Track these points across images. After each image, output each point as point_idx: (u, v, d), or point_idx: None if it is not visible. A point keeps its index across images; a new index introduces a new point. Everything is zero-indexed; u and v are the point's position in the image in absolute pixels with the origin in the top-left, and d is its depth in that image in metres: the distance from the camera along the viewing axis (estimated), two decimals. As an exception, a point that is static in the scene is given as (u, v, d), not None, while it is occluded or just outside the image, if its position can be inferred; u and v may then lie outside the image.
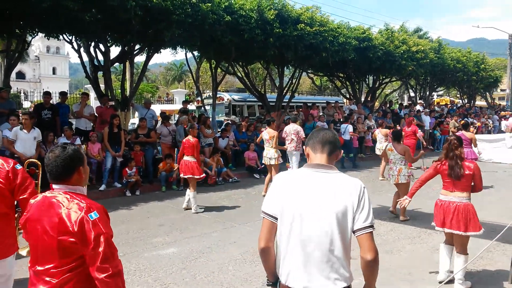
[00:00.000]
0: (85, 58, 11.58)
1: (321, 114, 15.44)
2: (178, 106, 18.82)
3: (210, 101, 15.25)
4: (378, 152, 10.81)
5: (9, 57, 10.28)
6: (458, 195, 4.26)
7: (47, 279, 1.98)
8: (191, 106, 20.71)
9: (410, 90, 26.22)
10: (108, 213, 2.14)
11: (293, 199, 1.96)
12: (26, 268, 3.14)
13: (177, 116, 13.14)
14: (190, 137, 7.73)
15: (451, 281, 4.29)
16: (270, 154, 8.85)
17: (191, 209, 7.58)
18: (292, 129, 9.32)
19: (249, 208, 7.90)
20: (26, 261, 2.29)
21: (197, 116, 13.78)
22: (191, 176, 7.52)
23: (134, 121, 14.79)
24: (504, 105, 33.67)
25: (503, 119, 22.58)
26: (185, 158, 7.67)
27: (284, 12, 11.80)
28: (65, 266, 1.96)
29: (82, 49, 11.52)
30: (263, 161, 9.16)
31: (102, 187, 8.95)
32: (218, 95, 16.58)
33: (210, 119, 12.71)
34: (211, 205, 8.11)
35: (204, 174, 7.87)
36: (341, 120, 14.15)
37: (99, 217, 1.99)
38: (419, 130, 12.00)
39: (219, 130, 12.99)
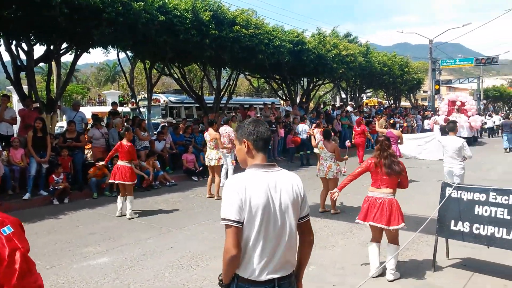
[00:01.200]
0: (6, 57, 10.67)
1: (258, 115, 15.65)
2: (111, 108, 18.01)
3: (146, 102, 14.81)
4: (316, 150, 11.19)
5: None
6: (384, 191, 4.53)
7: None
8: (126, 108, 19.98)
9: (342, 92, 27.47)
10: (33, 224, 1.97)
11: (259, 198, 2.00)
12: None
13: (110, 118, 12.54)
14: (124, 141, 7.43)
15: (381, 275, 4.54)
16: (211, 156, 8.82)
17: (125, 215, 7.30)
18: (224, 131, 9.38)
19: (187, 211, 7.78)
20: None
21: (131, 118, 13.27)
22: (122, 182, 7.25)
23: (62, 124, 13.94)
24: (426, 105, 36.45)
25: (425, 118, 24.46)
26: (119, 162, 7.37)
27: (220, 14, 11.77)
28: None
29: (2, 48, 10.60)
30: (205, 163, 9.09)
31: (27, 196, 8.28)
32: (154, 97, 16.15)
33: (146, 122, 12.34)
34: (147, 210, 7.87)
35: (135, 181, 7.60)
36: (278, 121, 14.50)
37: (14, 231, 1.82)
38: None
39: (155, 132, 12.65)
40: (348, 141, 10.36)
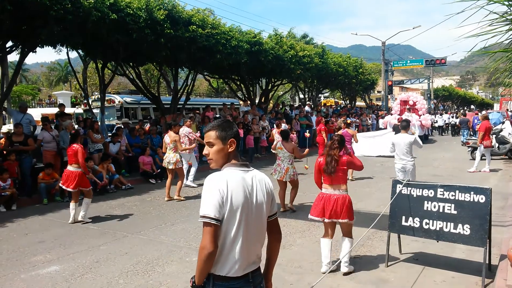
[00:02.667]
0: None
1: (217, 115, 15.54)
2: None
3: (99, 103, 14.29)
4: (273, 150, 11.28)
5: None
6: (336, 188, 4.64)
7: None
8: (78, 110, 19.21)
9: (300, 92, 27.89)
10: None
11: (238, 196, 2.05)
12: None
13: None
14: (74, 144, 7.12)
15: (335, 271, 4.63)
16: (169, 158, 8.68)
17: (79, 222, 7.00)
18: (183, 133, 9.58)
19: (144, 215, 7.58)
20: None
21: (83, 120, 12.76)
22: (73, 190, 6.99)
23: (8, 127, 13.17)
24: (380, 105, 37.81)
25: (380, 117, 25.36)
26: (69, 168, 7.05)
27: (175, 13, 11.57)
28: None
29: None
30: (163, 165, 8.93)
31: (-31, 204, 7.77)
32: (108, 97, 15.65)
33: (99, 123, 11.90)
34: (101, 215, 7.60)
35: (90, 187, 7.31)
36: (237, 121, 14.46)
37: None
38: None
39: (109, 134, 12.24)
40: (307, 131, 10.63)
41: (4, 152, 9.00)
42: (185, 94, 15.65)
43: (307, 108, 21.15)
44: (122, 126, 13.01)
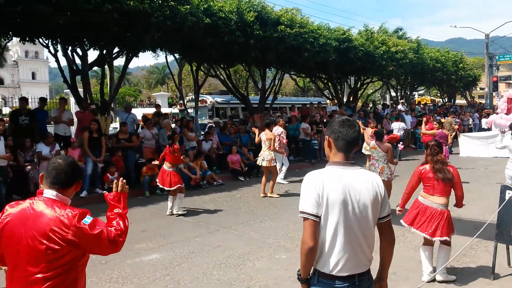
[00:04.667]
0: (64, 62, 11.35)
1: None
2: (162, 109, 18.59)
3: (193, 104, 15.13)
4: (364, 151, 10.95)
5: (-17, 62, 10.00)
6: (436, 201, 4.34)
7: (31, 285, 1.96)
8: (174, 110, 20.56)
9: (392, 90, 26.57)
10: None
11: (336, 195, 2.05)
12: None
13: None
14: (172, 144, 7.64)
15: (435, 280, 4.33)
16: (263, 156, 8.85)
17: (175, 215, 7.48)
18: (276, 132, 9.55)
19: (234, 211, 7.84)
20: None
21: (179, 119, 13.62)
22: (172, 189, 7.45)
23: (115, 125, 14.56)
24: (483, 103, 34.40)
25: (483, 117, 23.07)
26: (165, 167, 7.56)
27: (264, 14, 11.78)
28: (50, 272, 1.97)
29: (59, 53, 11.27)
30: (257, 162, 9.14)
31: (84, 194, 8.74)
32: (200, 98, 16.48)
33: (193, 122, 12.59)
34: (195, 208, 8.02)
35: (179, 185, 7.72)
36: (323, 120, 14.32)
37: (92, 219, 2.07)
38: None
39: (202, 133, 12.89)
40: (401, 143, 10.10)
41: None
42: (273, 94, 15.85)
43: (400, 106, 20.09)
44: (214, 125, 13.61)
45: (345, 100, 19.40)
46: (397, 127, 15.19)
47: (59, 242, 1.95)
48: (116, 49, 11.28)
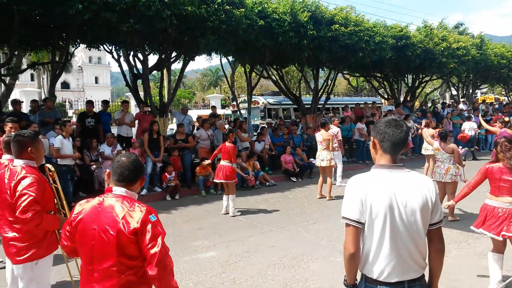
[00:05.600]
0: (125, 67, 11.99)
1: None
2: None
3: (245, 105, 15.34)
4: (424, 152, 10.52)
5: (53, 68, 10.81)
6: (505, 201, 4.08)
7: (106, 278, 2.09)
8: (227, 111, 20.94)
9: (452, 88, 25.24)
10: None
11: (380, 200, 1.99)
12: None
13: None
14: (227, 142, 7.81)
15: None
16: (322, 156, 8.80)
17: (228, 214, 7.64)
18: (332, 132, 9.49)
19: (287, 212, 7.86)
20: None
21: (233, 120, 13.87)
22: (224, 181, 7.60)
23: (172, 126, 15.11)
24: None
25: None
26: (221, 162, 7.75)
27: (318, 14, 11.68)
28: (123, 265, 2.08)
29: (122, 59, 11.93)
30: (316, 163, 9.10)
31: (144, 192, 9.18)
32: (253, 99, 16.65)
33: (246, 123, 12.77)
34: (249, 208, 8.14)
35: (236, 180, 7.85)
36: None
37: (157, 219, 2.16)
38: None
39: (255, 134, 13.03)
40: (461, 147, 9.54)
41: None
42: (325, 94, 15.67)
43: (461, 105, 19.04)
44: (266, 126, 13.71)
45: (401, 99, 18.71)
46: (468, 127, 14.57)
47: (129, 235, 2.06)
48: (174, 53, 11.71)
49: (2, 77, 11.60)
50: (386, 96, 19.32)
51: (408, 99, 18.55)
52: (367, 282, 2.08)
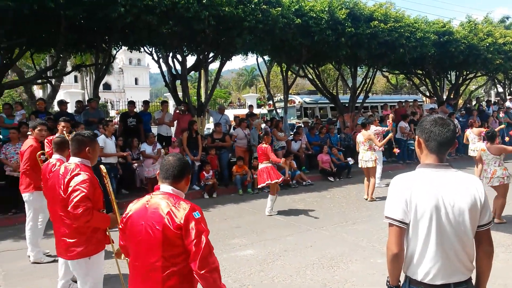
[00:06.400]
0: (164, 68, 12.28)
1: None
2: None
3: (281, 104, 15.30)
4: (472, 153, 10.11)
5: (97, 70, 11.23)
6: None
7: (152, 273, 2.15)
8: (263, 110, 21.00)
9: (498, 86, 24.07)
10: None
11: (426, 200, 1.95)
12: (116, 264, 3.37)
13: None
14: (263, 144, 7.81)
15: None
16: (366, 157, 8.52)
17: (275, 214, 7.61)
18: (373, 131, 9.21)
19: (325, 212, 7.77)
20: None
21: (269, 119, 13.89)
22: (271, 182, 7.52)
23: (208, 126, 15.34)
24: None
25: None
26: (260, 166, 7.71)
27: (356, 11, 11.48)
28: (167, 261, 2.13)
29: (161, 60, 12.23)
30: (359, 165, 8.89)
31: (183, 190, 9.35)
32: (289, 98, 16.61)
33: (283, 123, 12.74)
34: (286, 208, 8.11)
35: (281, 178, 7.80)
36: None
37: (201, 216, 2.19)
38: None
39: (291, 133, 12.98)
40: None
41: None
42: (363, 92, 15.37)
43: (508, 103, 18.11)
44: (302, 125, 13.62)
45: (444, 97, 18.04)
46: None
47: (174, 231, 2.11)
48: (211, 54, 11.87)
49: (50, 79, 12.20)
50: (428, 94, 18.70)
51: (452, 96, 17.86)
52: (411, 284, 2.04)
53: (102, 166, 3.41)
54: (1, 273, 5.08)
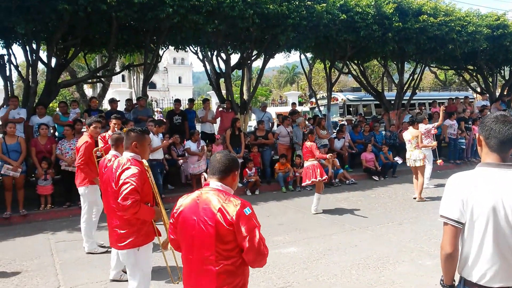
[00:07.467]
0: (208, 66, 12.49)
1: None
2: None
3: (323, 101, 15.13)
4: None
5: (146, 69, 11.61)
6: None
7: (206, 266, 2.22)
8: (305, 108, 20.86)
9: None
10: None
11: (484, 201, 1.89)
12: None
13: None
14: (307, 142, 7.77)
15: None
16: (414, 156, 8.30)
17: (320, 212, 7.56)
18: (423, 128, 9.06)
19: (369, 211, 7.62)
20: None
21: (311, 117, 13.79)
22: (316, 179, 7.46)
23: (251, 123, 15.45)
24: None
25: None
26: (306, 164, 7.67)
27: (404, 5, 11.12)
28: (220, 254, 2.20)
29: (205, 59, 12.45)
30: (407, 164, 8.66)
31: (225, 186, 9.50)
32: (332, 96, 16.39)
33: (325, 120, 12.60)
34: (329, 207, 8.03)
35: (326, 176, 7.73)
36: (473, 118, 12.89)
37: (251, 212, 2.25)
38: None
39: (334, 131, 12.81)
40: None
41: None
42: (411, 89, 14.87)
43: None
44: (346, 123, 13.40)
45: (497, 94, 17.10)
46: None
47: (226, 226, 2.17)
48: (254, 52, 11.93)
49: (101, 78, 12.77)
50: (479, 90, 17.80)
51: (505, 93, 16.90)
52: (466, 285, 2.00)
53: (144, 161, 3.54)
54: (58, 263, 5.40)
